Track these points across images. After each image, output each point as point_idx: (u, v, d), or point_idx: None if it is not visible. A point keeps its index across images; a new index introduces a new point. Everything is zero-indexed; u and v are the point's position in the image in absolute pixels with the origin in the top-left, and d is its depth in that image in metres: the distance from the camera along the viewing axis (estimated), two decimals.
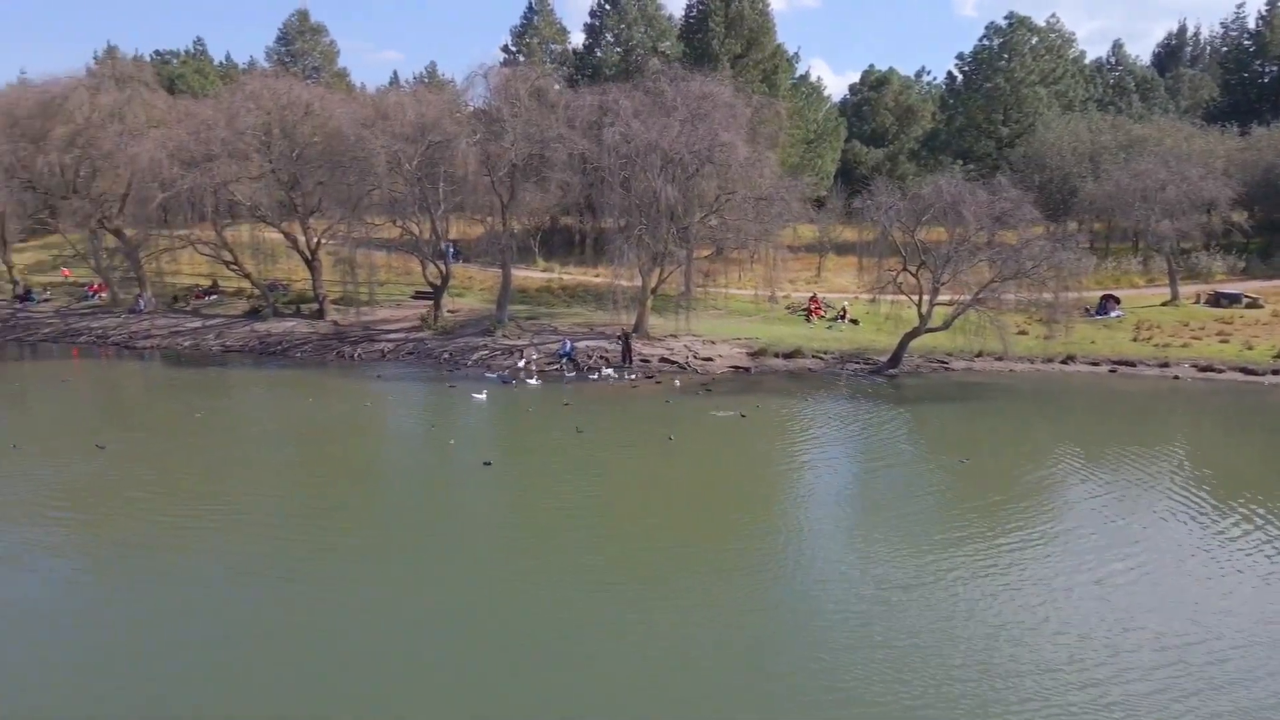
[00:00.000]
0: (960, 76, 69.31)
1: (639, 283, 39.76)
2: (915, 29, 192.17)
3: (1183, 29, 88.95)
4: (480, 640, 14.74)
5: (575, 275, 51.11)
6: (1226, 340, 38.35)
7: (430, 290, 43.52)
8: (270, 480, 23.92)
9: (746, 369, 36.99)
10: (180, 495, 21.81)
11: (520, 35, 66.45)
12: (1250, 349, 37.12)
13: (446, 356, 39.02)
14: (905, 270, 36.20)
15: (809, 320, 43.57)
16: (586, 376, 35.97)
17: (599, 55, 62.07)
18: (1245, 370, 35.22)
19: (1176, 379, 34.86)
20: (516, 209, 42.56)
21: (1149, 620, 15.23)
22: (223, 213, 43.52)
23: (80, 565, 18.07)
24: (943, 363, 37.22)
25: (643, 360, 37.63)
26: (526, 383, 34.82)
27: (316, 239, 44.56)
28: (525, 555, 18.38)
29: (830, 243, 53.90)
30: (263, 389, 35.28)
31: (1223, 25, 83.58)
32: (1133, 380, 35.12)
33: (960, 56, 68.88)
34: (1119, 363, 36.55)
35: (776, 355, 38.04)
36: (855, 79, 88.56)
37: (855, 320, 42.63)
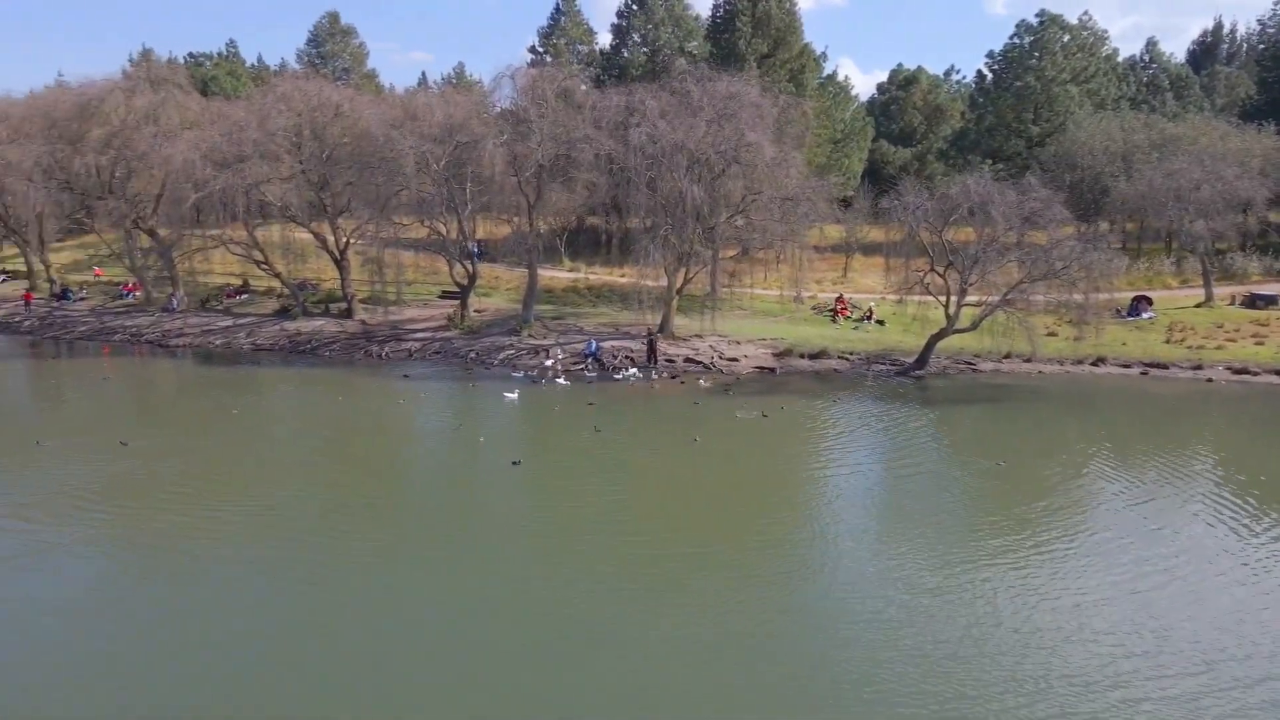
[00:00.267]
0: (990, 75, 68.56)
1: (664, 283, 39.80)
2: (944, 27, 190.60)
3: (1219, 26, 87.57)
4: (504, 639, 14.84)
5: (601, 275, 51.26)
6: (1262, 343, 37.68)
7: (457, 290, 43.82)
8: (301, 478, 24.25)
9: (772, 370, 36.91)
10: (211, 492, 22.17)
11: (547, 36, 66.70)
12: None
13: (473, 356, 39.30)
14: (933, 271, 35.92)
15: (835, 321, 43.40)
16: (611, 376, 36.06)
17: (626, 56, 62.15)
18: None
19: (1210, 382, 34.31)
20: (543, 209, 42.78)
21: (1187, 629, 14.94)
22: (254, 213, 44.11)
23: (111, 561, 18.41)
24: (970, 364, 36.91)
25: (668, 360, 37.67)
26: (555, 382, 34.98)
27: (345, 239, 45.05)
28: (550, 555, 18.50)
29: (857, 243, 53.60)
30: (292, 387, 35.72)
31: (1260, 22, 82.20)
32: (1165, 383, 34.61)
33: (990, 55, 68.17)
34: (1150, 365, 36.04)
35: (802, 356, 37.93)
36: (883, 78, 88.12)
37: (881, 321, 42.38)
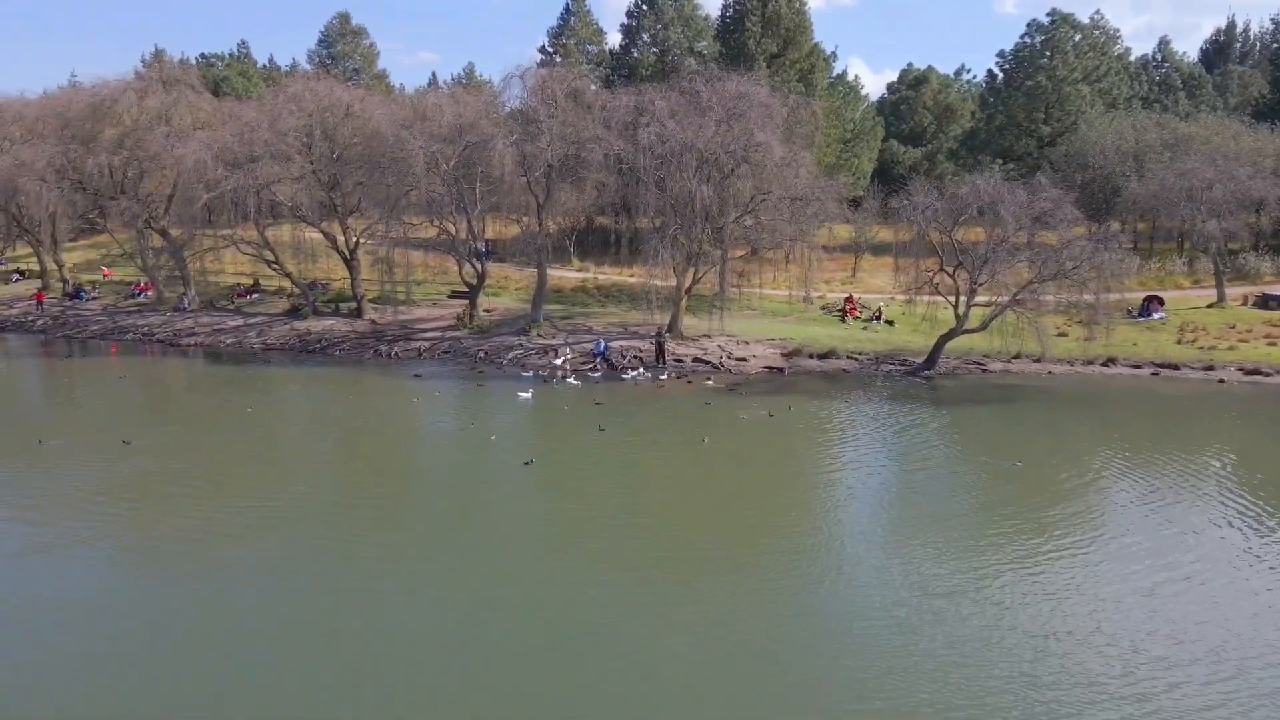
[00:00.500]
0: (1001, 74, 68.32)
1: (673, 283, 39.80)
2: (954, 27, 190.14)
3: (1231, 25, 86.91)
4: (511, 641, 14.86)
5: (610, 275, 51.33)
6: (1274, 343, 37.40)
7: (466, 290, 43.94)
8: (311, 477, 24.40)
9: (781, 369, 36.87)
10: (224, 491, 22.33)
11: (557, 36, 66.82)
12: None
13: (482, 355, 39.40)
14: (942, 270, 35.84)
15: (844, 321, 43.32)
16: (620, 376, 36.09)
17: (635, 56, 62.19)
18: None
19: (1222, 383, 34.09)
20: (552, 209, 42.87)
21: (1202, 632, 14.74)
22: (265, 213, 44.42)
23: (120, 560, 18.54)
24: (980, 364, 36.79)
25: (676, 360, 37.68)
26: (566, 381, 35.01)
27: (355, 238, 45.24)
28: (558, 556, 18.50)
29: (866, 243, 53.51)
30: (303, 386, 35.90)
31: (1273, 21, 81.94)
32: (1176, 383, 34.39)
33: (1001, 54, 67.97)
34: (1162, 365, 35.83)
35: (811, 356, 37.87)
36: (893, 78, 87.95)
37: (891, 321, 42.29)
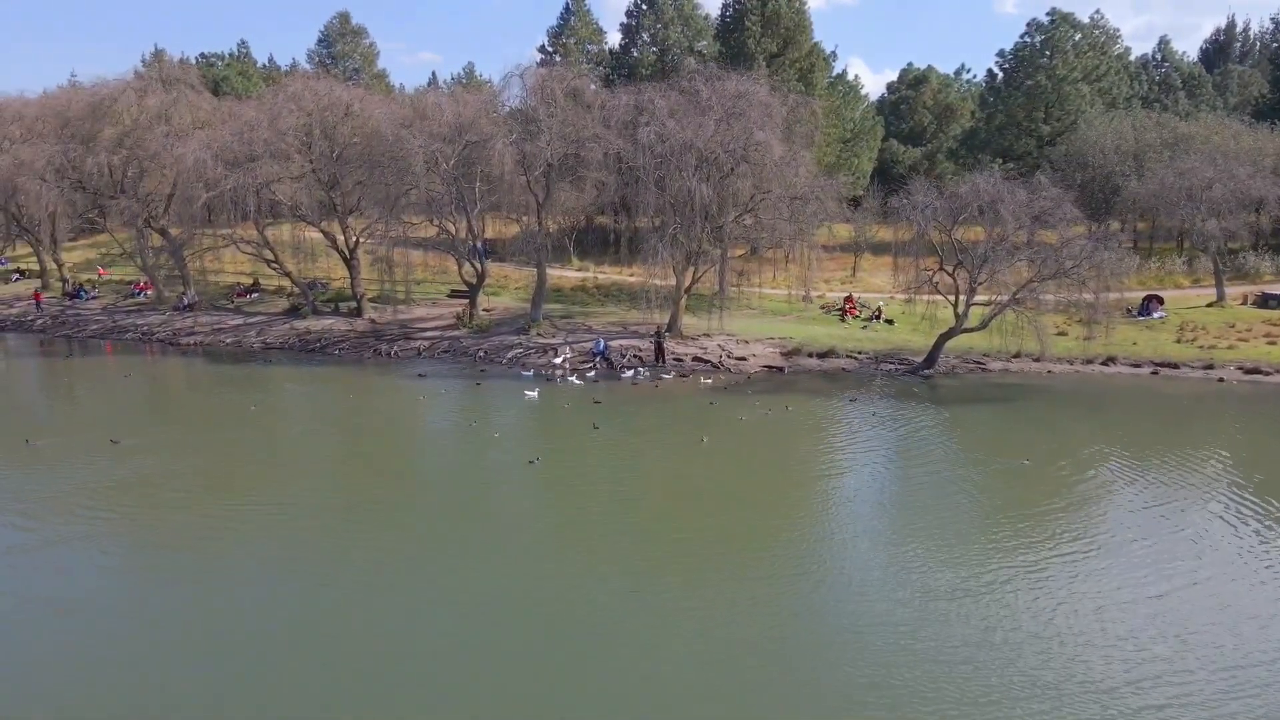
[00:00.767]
0: (1001, 74, 68.34)
1: (673, 282, 39.78)
2: (954, 27, 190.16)
3: (1231, 24, 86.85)
4: (513, 641, 14.86)
5: (610, 274, 51.34)
6: (1274, 343, 37.37)
7: (466, 289, 43.93)
8: (315, 477, 24.39)
9: (780, 369, 36.86)
10: (226, 490, 22.39)
11: (557, 36, 66.81)
12: None
13: (481, 354, 39.40)
14: (942, 270, 35.83)
15: (844, 320, 43.31)
16: (619, 375, 36.09)
17: (635, 55, 62.19)
18: None
19: (1221, 382, 34.08)
20: (552, 208, 42.85)
21: (1210, 635, 14.62)
22: (264, 212, 44.40)
23: (122, 558, 18.56)
24: (979, 363, 36.78)
25: (676, 359, 37.68)
26: (570, 380, 34.98)
27: (355, 238, 45.23)
28: (559, 557, 18.48)
29: (866, 242, 53.52)
30: (303, 386, 35.89)
31: (1273, 20, 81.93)
32: (1176, 383, 34.37)
33: (1001, 54, 67.99)
34: (1161, 365, 35.82)
35: (811, 355, 37.86)
36: (893, 77, 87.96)
37: (890, 320, 42.29)
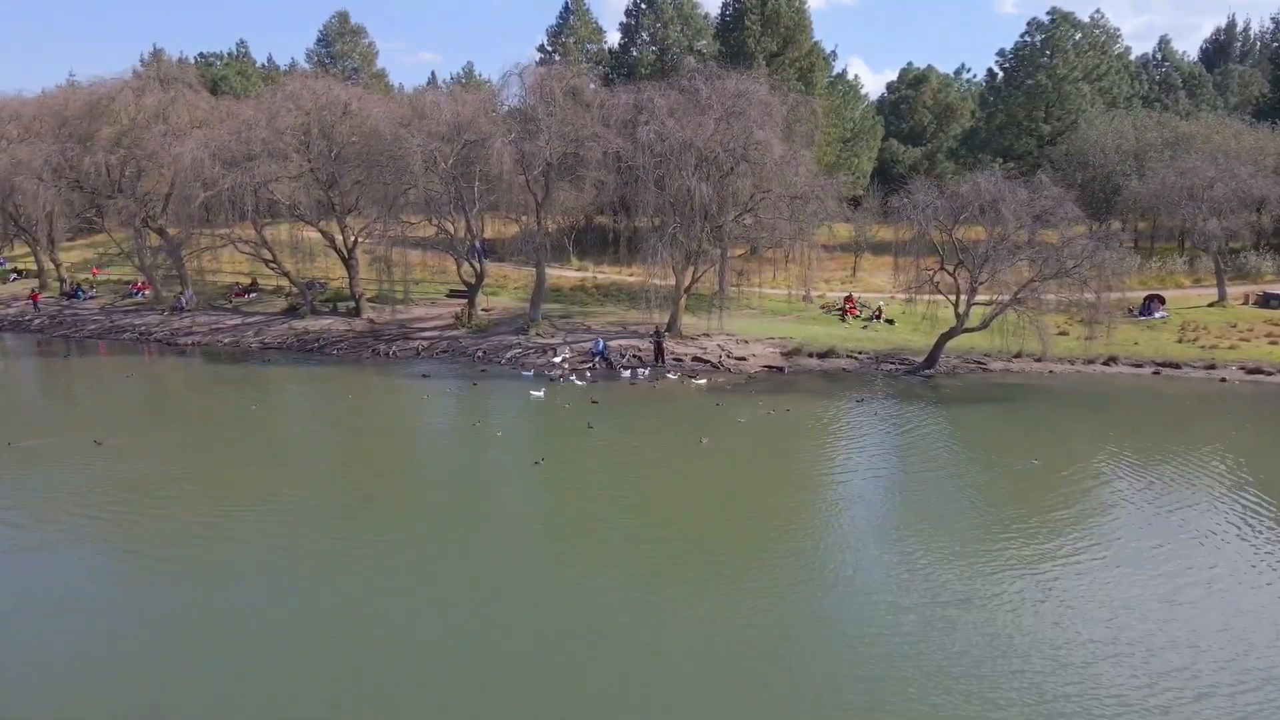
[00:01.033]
0: (1001, 73, 68.17)
1: (673, 281, 39.61)
2: (954, 27, 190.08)
3: (1231, 24, 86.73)
4: (515, 642, 14.72)
5: (609, 274, 51.19)
6: (1276, 342, 37.22)
7: (465, 289, 43.77)
8: (315, 477, 24.27)
9: (780, 369, 36.70)
10: (226, 491, 22.23)
11: (556, 35, 66.64)
12: None
13: (480, 355, 39.23)
14: (942, 269, 35.68)
15: (844, 320, 43.16)
16: (617, 375, 35.93)
17: (634, 54, 62.00)
18: None
19: (1224, 382, 33.93)
20: (551, 208, 42.67)
21: (1225, 640, 14.29)
22: (262, 212, 44.19)
23: (124, 560, 18.41)
24: (980, 363, 36.63)
25: (675, 359, 37.52)
26: (572, 380, 34.76)
27: (353, 237, 45.05)
28: (561, 559, 18.30)
29: (866, 242, 53.37)
30: (302, 386, 35.72)
31: (1274, 20, 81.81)
32: (1178, 383, 34.21)
33: (1001, 53, 67.83)
34: (1163, 365, 35.67)
35: (811, 355, 37.70)
36: (893, 77, 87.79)
37: (891, 320, 42.13)
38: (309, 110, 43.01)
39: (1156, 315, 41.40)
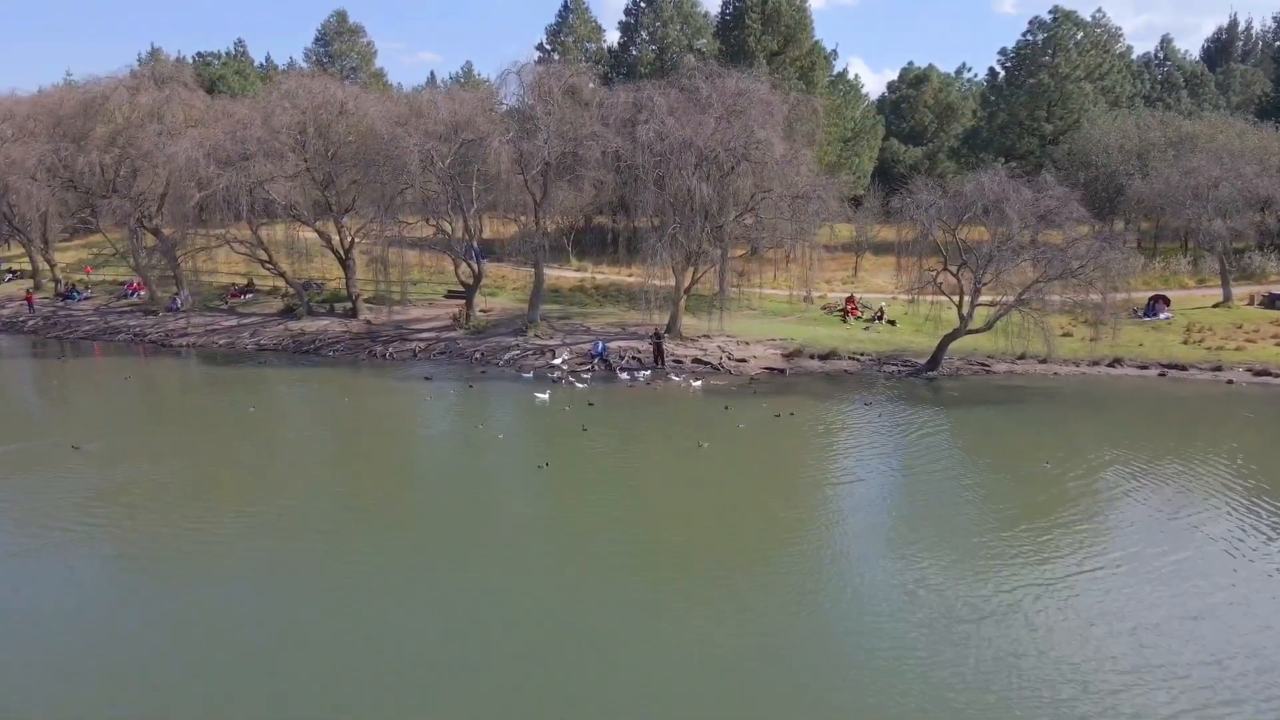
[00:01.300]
0: (1003, 72, 67.87)
1: (672, 282, 39.22)
2: (953, 28, 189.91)
3: (1233, 23, 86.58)
4: (516, 646, 14.42)
5: (608, 274, 50.77)
6: None
7: (463, 289, 43.36)
8: (311, 481, 23.86)
9: (781, 370, 36.29)
10: (223, 495, 21.94)
11: (555, 34, 66.24)
12: None
13: (478, 356, 38.81)
14: (945, 270, 35.26)
15: (845, 321, 42.77)
16: (616, 376, 35.51)
17: (634, 53, 61.64)
18: None
19: (1230, 384, 33.53)
20: (549, 208, 42.21)
21: (1252, 659, 13.74)
22: (258, 212, 43.72)
23: (121, 564, 18.09)
24: (984, 365, 36.22)
25: (675, 361, 37.10)
26: (574, 384, 34.30)
27: (350, 238, 44.63)
28: (562, 564, 17.99)
29: (867, 242, 52.99)
30: (298, 388, 35.29)
31: (1275, 19, 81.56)
32: (1184, 385, 33.80)
33: (1003, 52, 67.55)
34: (1169, 366, 35.27)
35: (812, 356, 37.30)
36: (893, 77, 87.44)
37: (893, 321, 41.74)
38: (305, 109, 42.59)
39: (1161, 316, 41.03)
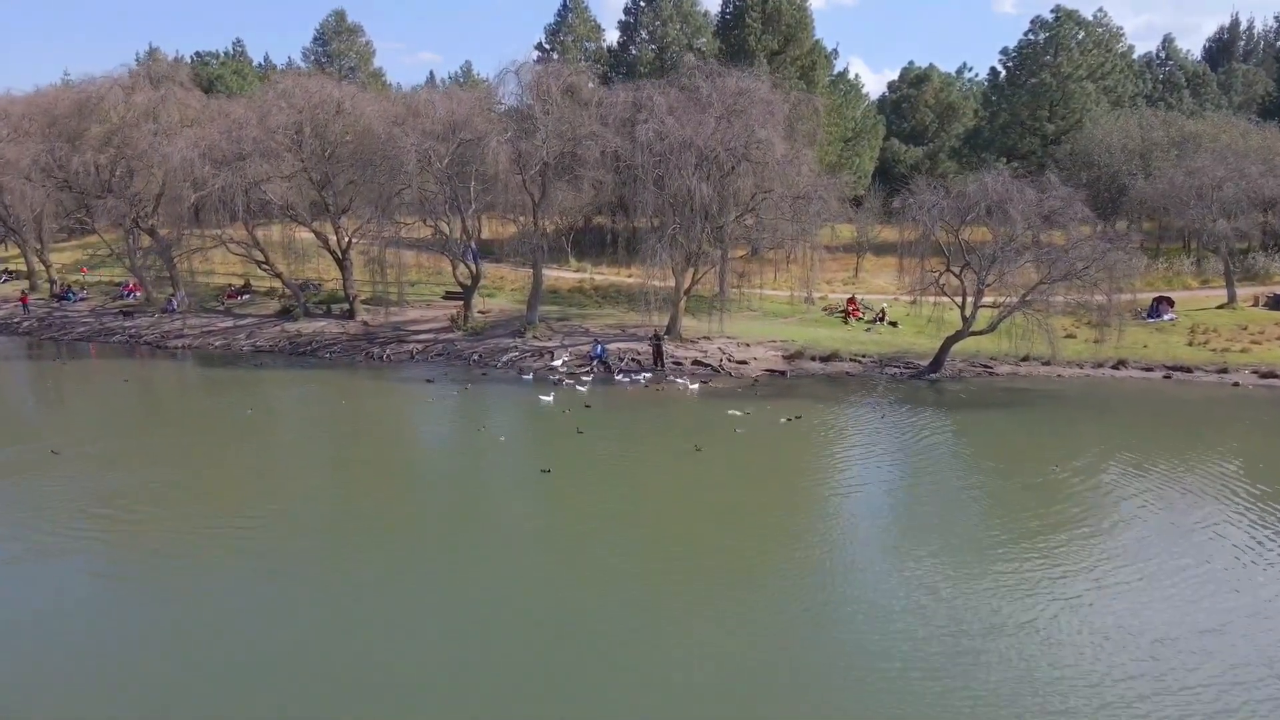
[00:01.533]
0: (1004, 72, 67.55)
1: (672, 283, 38.88)
2: (953, 28, 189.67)
3: (1235, 23, 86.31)
4: (517, 651, 14.21)
5: (608, 275, 50.42)
6: None
7: (461, 290, 43.01)
8: (310, 484, 23.59)
9: (782, 372, 35.93)
10: (221, 499, 21.73)
11: (554, 33, 65.87)
12: None
13: (476, 358, 38.46)
14: (948, 271, 34.91)
15: (846, 322, 42.44)
16: (614, 378, 35.16)
17: (634, 53, 61.31)
18: None
19: (1237, 385, 33.18)
20: (548, 208, 41.84)
21: (1273, 681, 13.23)
22: (254, 212, 43.38)
23: (119, 570, 17.89)
24: (986, 367, 35.86)
25: (675, 363, 36.75)
26: (576, 387, 33.88)
27: (347, 238, 44.27)
28: (563, 568, 17.74)
29: (869, 243, 52.66)
30: (295, 390, 34.95)
31: (1277, 19, 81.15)
32: (1190, 387, 33.43)
33: (1004, 52, 67.19)
34: (1174, 368, 34.93)
35: (813, 358, 36.95)
36: (893, 77, 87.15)
37: (894, 323, 41.40)
38: (301, 109, 42.21)
39: (1165, 317, 40.71)
